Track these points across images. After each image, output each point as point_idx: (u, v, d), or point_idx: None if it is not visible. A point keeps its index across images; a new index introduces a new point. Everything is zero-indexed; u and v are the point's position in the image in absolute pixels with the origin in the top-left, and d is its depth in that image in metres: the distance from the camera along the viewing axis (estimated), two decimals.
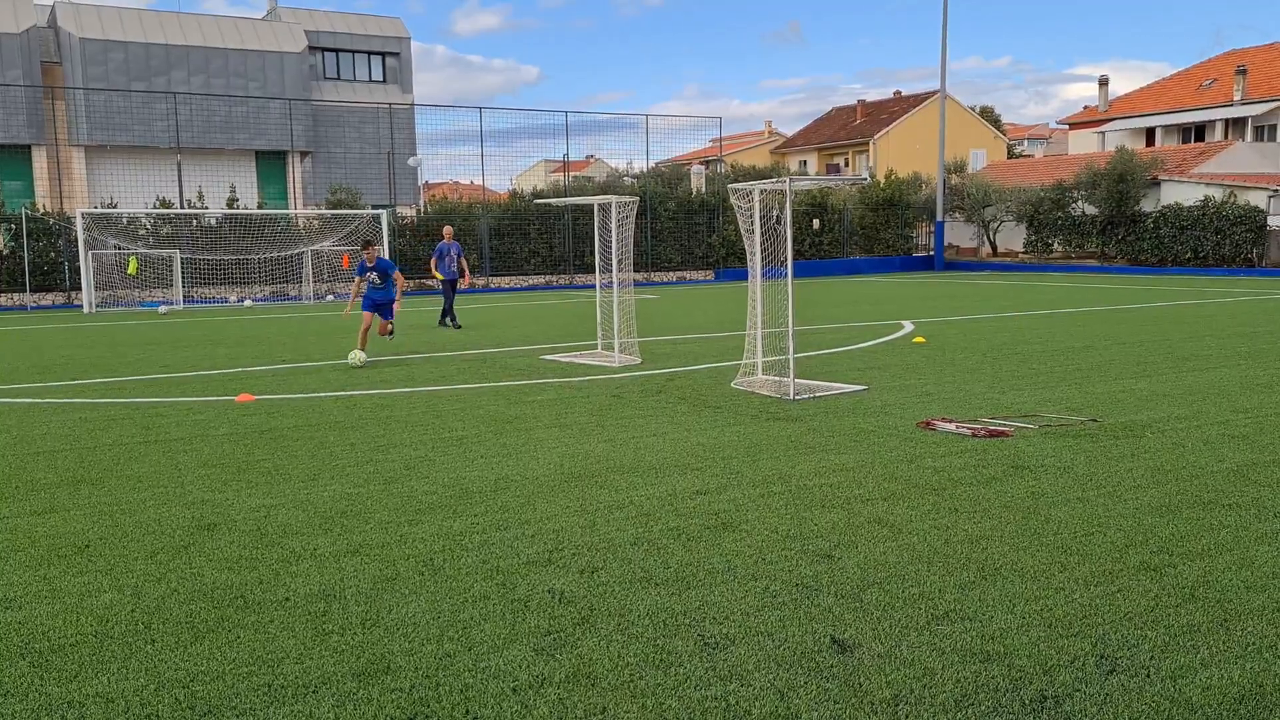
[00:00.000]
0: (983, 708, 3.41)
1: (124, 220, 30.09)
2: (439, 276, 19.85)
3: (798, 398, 9.70)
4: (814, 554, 5.05)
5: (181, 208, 31.65)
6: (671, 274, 37.67)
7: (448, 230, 20.11)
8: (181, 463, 7.40)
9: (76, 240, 27.48)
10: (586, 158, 65.93)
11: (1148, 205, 37.82)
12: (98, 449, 7.95)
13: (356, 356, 12.77)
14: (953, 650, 3.87)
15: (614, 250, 13.35)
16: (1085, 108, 55.92)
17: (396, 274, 13.66)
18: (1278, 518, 5.54)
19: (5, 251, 28.74)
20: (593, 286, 18.31)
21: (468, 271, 19.92)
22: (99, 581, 4.82)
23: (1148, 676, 3.62)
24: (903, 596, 4.44)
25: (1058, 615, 4.20)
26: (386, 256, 29.86)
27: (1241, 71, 45.66)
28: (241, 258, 30.34)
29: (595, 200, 13.90)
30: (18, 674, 3.79)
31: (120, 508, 6.16)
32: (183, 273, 28.97)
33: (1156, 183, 38.59)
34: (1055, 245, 40.88)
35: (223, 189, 34.30)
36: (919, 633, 4.04)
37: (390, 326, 13.78)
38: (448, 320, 19.43)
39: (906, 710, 3.40)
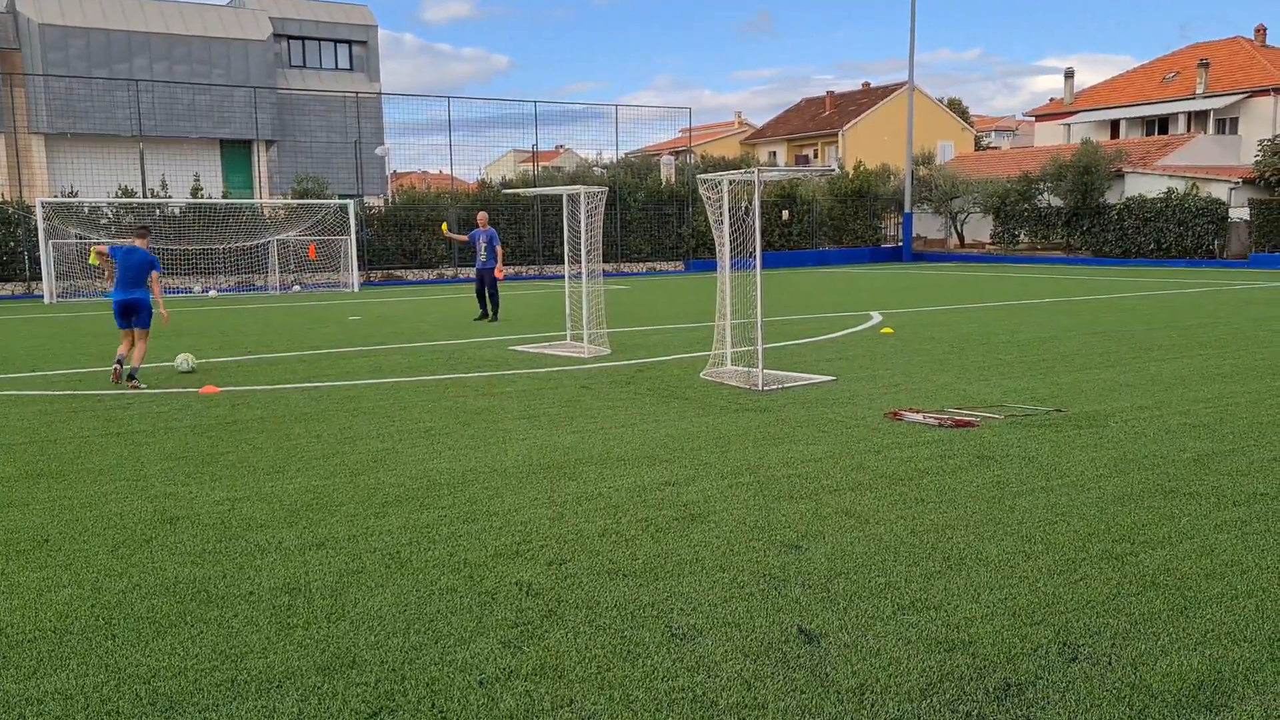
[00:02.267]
0: (947, 696, 3.44)
1: (85, 209, 29.61)
2: (453, 236, 20.07)
3: (766, 389, 9.72)
4: (782, 545, 5.07)
5: (144, 197, 31.18)
6: (641, 265, 37.64)
7: (481, 216, 18.63)
8: (144, 455, 7.30)
9: (36, 230, 27.01)
10: (556, 148, 65.64)
11: (1112, 197, 38.26)
12: (58, 441, 7.82)
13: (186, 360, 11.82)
14: (918, 639, 3.89)
15: (583, 240, 13.31)
16: (1051, 100, 56.43)
17: (153, 275, 11.04)
18: (1237, 506, 5.62)
19: None
20: (562, 277, 18.23)
21: (500, 261, 18.01)
22: (58, 576, 4.74)
23: (1109, 664, 3.66)
24: (869, 586, 4.47)
25: (1021, 604, 4.24)
26: (355, 248, 29.56)
27: (1204, 65, 46.26)
28: (206, 248, 29.96)
29: (564, 190, 13.84)
30: None
31: (81, 501, 6.07)
32: None
33: (1121, 175, 39.05)
34: (1022, 237, 41.25)
35: (187, 178, 33.83)
36: (885, 622, 4.07)
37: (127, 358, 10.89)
38: (486, 313, 17.94)
39: (872, 699, 3.42)
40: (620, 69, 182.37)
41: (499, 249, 18.10)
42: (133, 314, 10.96)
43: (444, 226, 20.72)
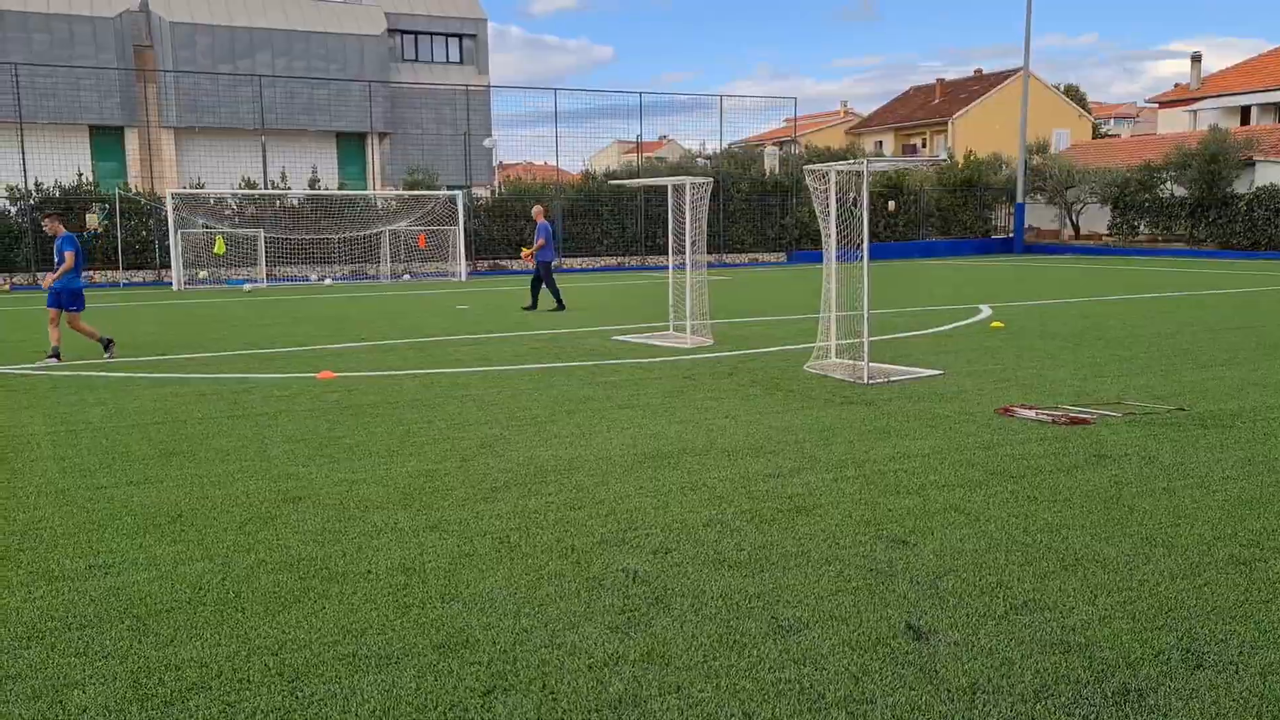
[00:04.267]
0: (1063, 699, 3.36)
1: (211, 200, 30.93)
2: (532, 252, 18.92)
3: (872, 381, 9.60)
4: (889, 539, 5.02)
5: (266, 188, 32.41)
6: (744, 256, 37.45)
7: (537, 209, 19.38)
8: (267, 437, 7.63)
9: (167, 220, 28.35)
10: (660, 138, 65.74)
11: (1241, 187, 36.43)
12: (188, 422, 8.22)
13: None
14: (1031, 640, 3.82)
15: (687, 231, 13.33)
16: (1176, 85, 54.00)
17: (68, 254, 11.87)
18: None
19: (100, 230, 29.78)
20: (665, 268, 18.30)
21: (532, 248, 18.89)
22: (191, 551, 5.01)
23: (1236, 672, 3.53)
24: (979, 585, 4.40)
25: (1141, 608, 4.11)
26: (464, 238, 30.14)
27: None
28: (322, 237, 30.97)
29: (669, 181, 13.88)
30: (118, 636, 3.97)
31: (210, 479, 6.38)
32: (266, 252, 29.69)
33: (1251, 163, 37.12)
34: (1141, 228, 39.63)
35: (304, 170, 35.02)
36: (996, 622, 4.00)
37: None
38: (562, 299, 18.72)
39: (984, 700, 3.38)
40: (720, 58, 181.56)
41: (538, 241, 18.65)
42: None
43: (524, 251, 20.05)
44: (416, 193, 32.13)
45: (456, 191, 31.41)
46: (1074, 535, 5.04)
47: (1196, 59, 51.55)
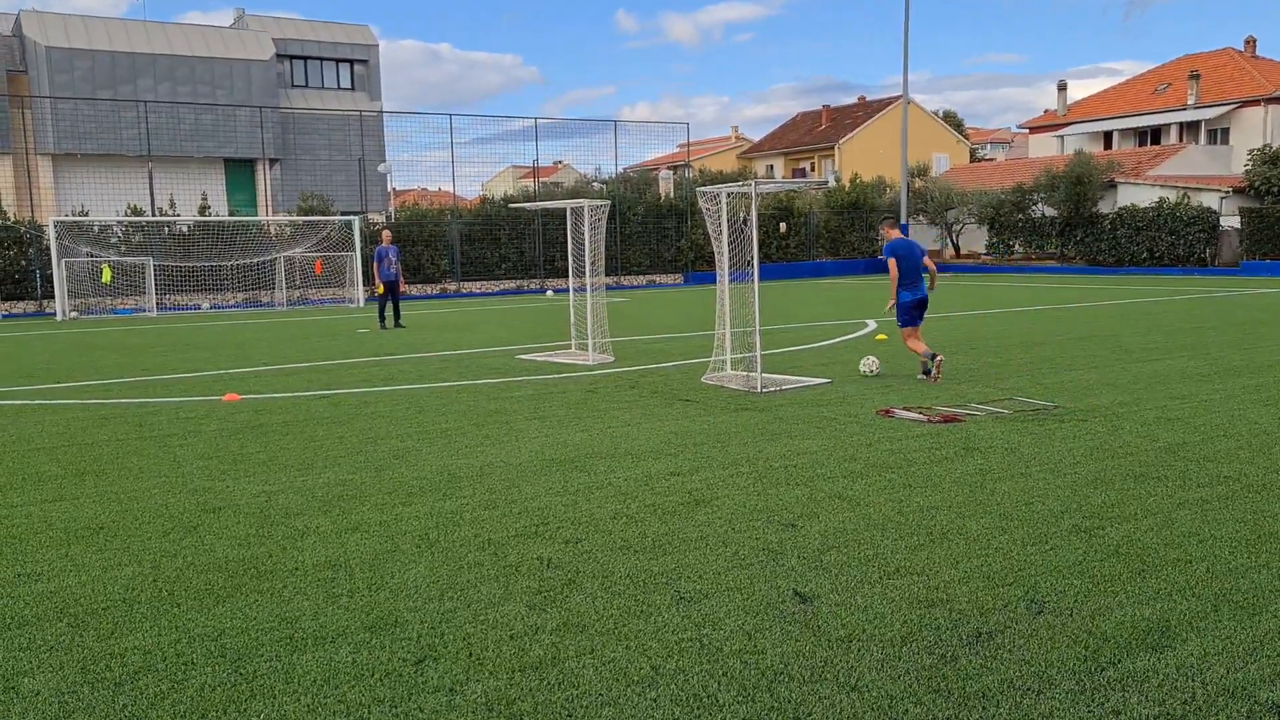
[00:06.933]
0: (925, 642, 3.88)
1: (95, 228, 30.12)
2: (379, 283, 20.31)
3: (764, 390, 10.18)
4: (779, 524, 5.52)
5: (153, 215, 31.70)
6: (641, 278, 38.12)
7: (386, 234, 20.88)
8: (179, 455, 7.75)
9: (49, 249, 27.51)
10: (555, 163, 66.33)
11: (1105, 207, 38.79)
12: (95, 444, 8.27)
13: None
14: (901, 599, 4.34)
15: (587, 252, 13.78)
16: (1045, 112, 57.07)
17: None
18: (1201, 487, 6.08)
19: None
20: (564, 290, 18.73)
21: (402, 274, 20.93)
22: (118, 557, 5.19)
23: (1071, 616, 4.11)
24: (859, 557, 4.92)
25: (996, 569, 4.69)
26: (360, 264, 30.07)
27: (1195, 76, 46.88)
28: (214, 264, 30.46)
29: (568, 204, 14.33)
30: (58, 632, 4.17)
31: (127, 495, 6.51)
32: (155, 280, 29.05)
33: (1113, 185, 39.59)
34: (1016, 247, 41.76)
35: (192, 196, 34.37)
36: (872, 586, 4.52)
37: None
38: (387, 321, 20.23)
39: (859, 645, 3.87)
40: (620, 80, 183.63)
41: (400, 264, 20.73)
42: None
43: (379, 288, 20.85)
44: (311, 218, 31.87)
45: (352, 217, 31.28)
46: (942, 514, 5.63)
47: (1062, 87, 54.61)
